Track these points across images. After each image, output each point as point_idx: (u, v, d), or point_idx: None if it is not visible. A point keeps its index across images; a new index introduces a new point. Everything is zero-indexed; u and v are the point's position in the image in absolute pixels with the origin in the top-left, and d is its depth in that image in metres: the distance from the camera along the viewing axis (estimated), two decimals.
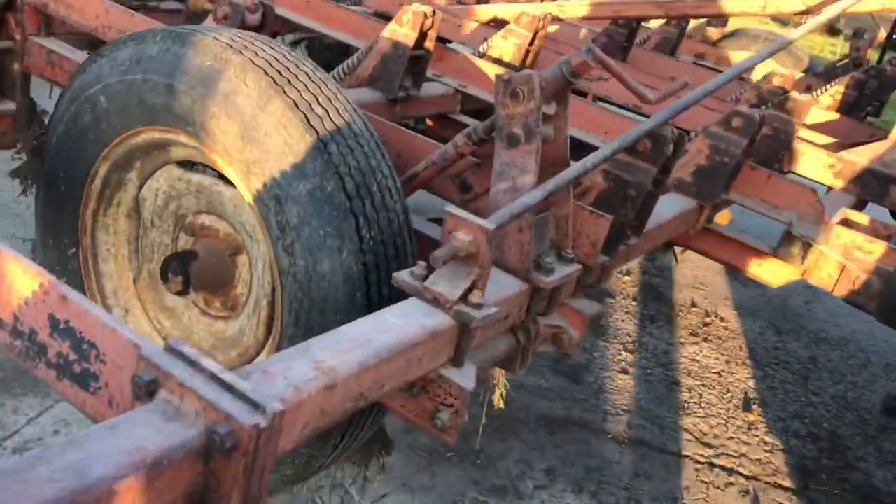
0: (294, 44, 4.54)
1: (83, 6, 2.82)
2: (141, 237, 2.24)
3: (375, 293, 1.79)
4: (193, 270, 2.04)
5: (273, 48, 1.92)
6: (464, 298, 1.59)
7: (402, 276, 1.62)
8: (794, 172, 3.57)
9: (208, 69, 1.83)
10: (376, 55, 3.04)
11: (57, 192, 2.20)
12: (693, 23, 7.09)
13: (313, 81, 1.88)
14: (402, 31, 2.97)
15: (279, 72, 1.83)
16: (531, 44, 3.67)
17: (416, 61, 3.07)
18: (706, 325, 5.30)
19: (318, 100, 1.83)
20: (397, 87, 3.01)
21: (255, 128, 1.79)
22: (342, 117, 1.85)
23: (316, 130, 1.78)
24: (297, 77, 1.85)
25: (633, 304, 5.36)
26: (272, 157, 1.78)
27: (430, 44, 3.08)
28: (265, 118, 1.78)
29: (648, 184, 2.06)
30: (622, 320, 5.10)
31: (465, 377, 1.62)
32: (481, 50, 3.73)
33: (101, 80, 2.00)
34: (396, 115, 3.07)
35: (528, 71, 1.87)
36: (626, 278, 5.71)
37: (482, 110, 3.68)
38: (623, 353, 4.64)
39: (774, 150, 3.28)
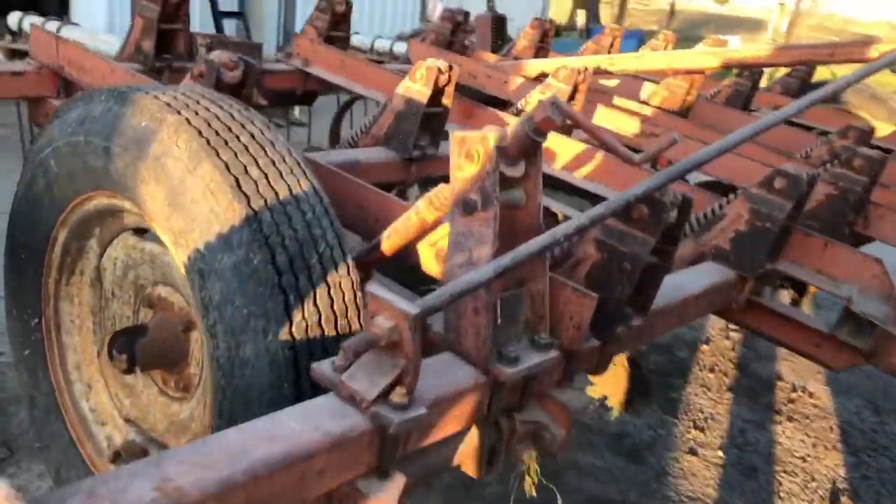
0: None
1: (92, 68, 2.79)
2: (103, 308, 2.11)
3: (307, 383, 1.56)
4: (140, 348, 1.87)
5: (221, 107, 1.76)
6: (384, 396, 1.34)
7: (320, 367, 1.39)
8: (867, 238, 3.15)
9: (142, 130, 1.69)
10: (390, 113, 2.87)
11: (19, 260, 2.10)
12: (777, 72, 6.66)
13: (256, 142, 1.70)
14: (415, 87, 2.79)
15: (217, 132, 1.67)
16: (571, 98, 3.42)
17: (432, 118, 2.88)
18: (792, 401, 4.78)
19: (256, 162, 1.65)
20: (412, 145, 2.83)
21: (182, 193, 1.62)
22: (284, 181, 1.66)
23: (246, 196, 1.59)
24: (237, 138, 1.68)
25: (710, 375, 4.91)
26: (197, 225, 1.60)
27: (447, 100, 2.89)
28: (193, 183, 1.61)
29: (646, 256, 1.76)
30: (695, 394, 4.66)
31: (388, 491, 1.36)
32: (519, 106, 3.52)
33: (52, 142, 1.90)
34: (412, 174, 2.88)
35: (493, 127, 1.63)
36: (705, 347, 5.27)
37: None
38: (693, 431, 4.21)
39: (841, 214, 2.89)
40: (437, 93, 2.83)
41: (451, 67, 2.80)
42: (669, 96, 4.15)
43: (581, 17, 20.19)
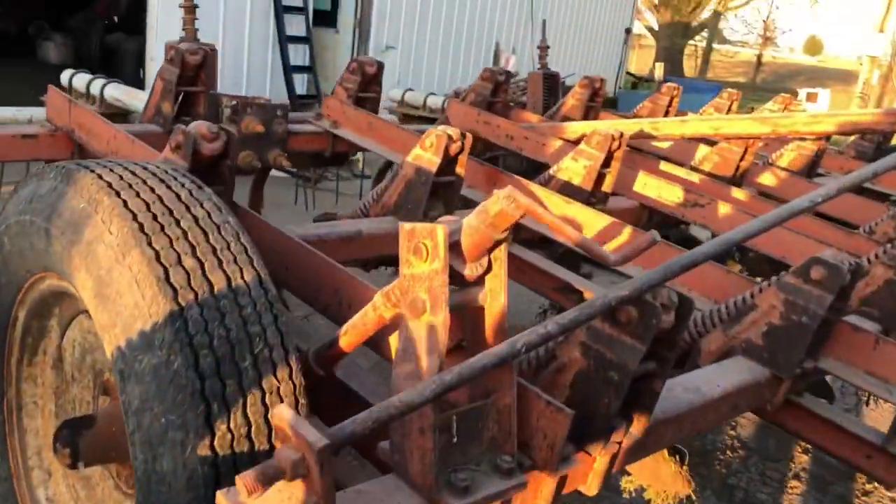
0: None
1: (99, 132, 2.74)
2: (64, 392, 1.98)
3: None
4: (85, 441, 1.73)
5: (169, 187, 1.62)
6: None
7: (223, 496, 1.20)
8: None
9: (80, 212, 1.57)
10: (400, 181, 2.72)
11: None
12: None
13: (199, 227, 1.55)
14: (425, 155, 2.63)
15: (155, 216, 1.53)
16: (605, 166, 3.20)
17: (445, 188, 2.71)
18: (866, 493, 4.33)
19: (193, 250, 1.50)
20: (421, 215, 2.66)
21: (108, 284, 1.48)
22: (222, 271, 1.50)
23: (174, 290, 1.43)
24: (176, 222, 1.53)
25: (773, 463, 4.50)
26: (120, 321, 1.46)
27: (460, 169, 2.71)
28: (120, 273, 1.46)
29: (635, 365, 1.52)
30: (753, 480, 4.26)
31: None
32: (550, 173, 3.31)
33: (6, 219, 1.80)
34: None
35: (450, 218, 1.44)
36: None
37: (538, 242, 3.24)
38: None
39: None
40: (450, 161, 2.67)
41: (463, 135, 2.63)
42: (721, 162, 3.87)
43: (659, 70, 19.84)
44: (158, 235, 1.49)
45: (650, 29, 32.53)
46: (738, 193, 3.52)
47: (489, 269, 1.45)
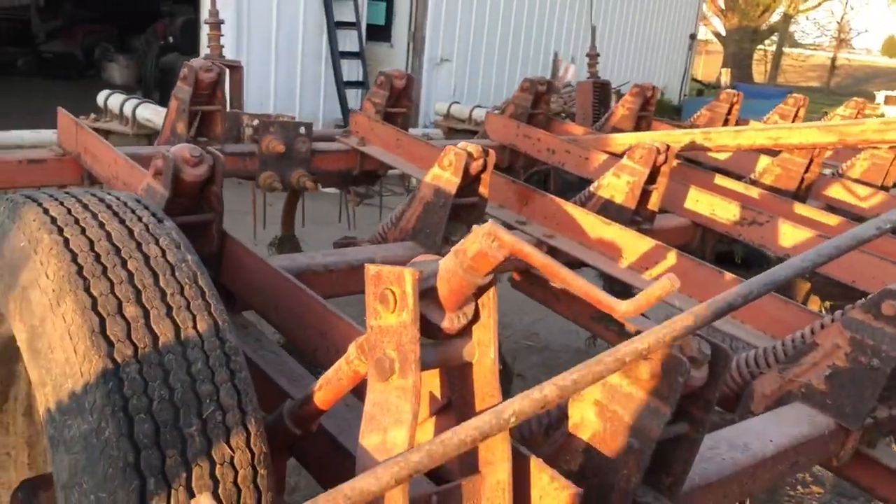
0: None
1: (101, 156, 2.60)
2: (37, 442, 1.81)
3: None
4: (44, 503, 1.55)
5: (122, 221, 1.43)
6: None
7: None
8: None
9: (20, 252, 1.39)
10: (418, 204, 2.50)
11: None
12: None
13: (150, 267, 1.35)
14: (444, 175, 2.40)
15: (98, 256, 1.33)
16: (651, 182, 2.92)
17: (466, 209, 2.47)
18: None
19: (138, 296, 1.30)
20: (440, 240, 2.43)
21: (41, 336, 1.29)
22: (169, 320, 1.30)
23: (109, 343, 1.23)
24: (122, 264, 1.34)
25: (848, 501, 4.08)
26: (51, 379, 1.26)
27: (483, 189, 2.47)
28: (53, 324, 1.27)
29: (659, 429, 1.25)
30: None
31: None
32: (591, 190, 3.04)
33: None
34: None
35: (428, 257, 1.20)
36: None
37: (576, 265, 2.97)
38: None
39: None
40: (471, 181, 2.43)
41: (486, 152, 2.39)
42: (783, 174, 3.53)
43: (725, 76, 19.13)
44: (98, 279, 1.30)
45: (717, 34, 31.65)
46: (802, 209, 3.18)
47: (476, 317, 1.21)
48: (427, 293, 1.15)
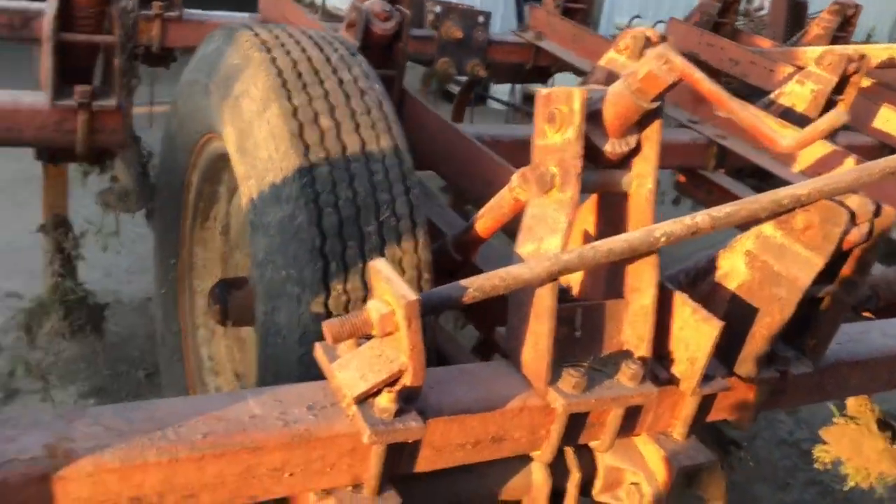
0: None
1: (294, 20, 2.79)
2: (229, 257, 2.06)
3: None
4: (234, 300, 1.78)
5: (321, 49, 1.59)
6: (374, 396, 1.08)
7: (322, 347, 1.17)
8: None
9: (233, 68, 1.57)
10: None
11: (163, 200, 2.13)
12: None
13: (342, 89, 1.50)
14: (619, 59, 2.41)
15: (300, 74, 1.50)
16: (837, 91, 2.78)
17: None
18: None
19: (332, 111, 1.45)
20: None
21: (248, 137, 1.48)
22: (357, 135, 1.45)
23: (305, 146, 1.40)
24: (320, 82, 1.49)
25: None
26: (255, 173, 1.45)
27: None
28: (259, 126, 1.45)
29: (808, 281, 1.27)
30: None
31: None
32: (771, 97, 2.93)
33: (182, 80, 1.87)
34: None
35: (594, 86, 1.27)
36: None
37: (749, 171, 2.91)
38: None
39: None
40: None
41: (663, 38, 2.38)
42: None
43: None
44: (298, 92, 1.46)
45: None
46: None
47: (637, 149, 1.27)
48: (593, 116, 1.22)
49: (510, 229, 1.56)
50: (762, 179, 3.09)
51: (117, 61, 1.92)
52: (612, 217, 1.35)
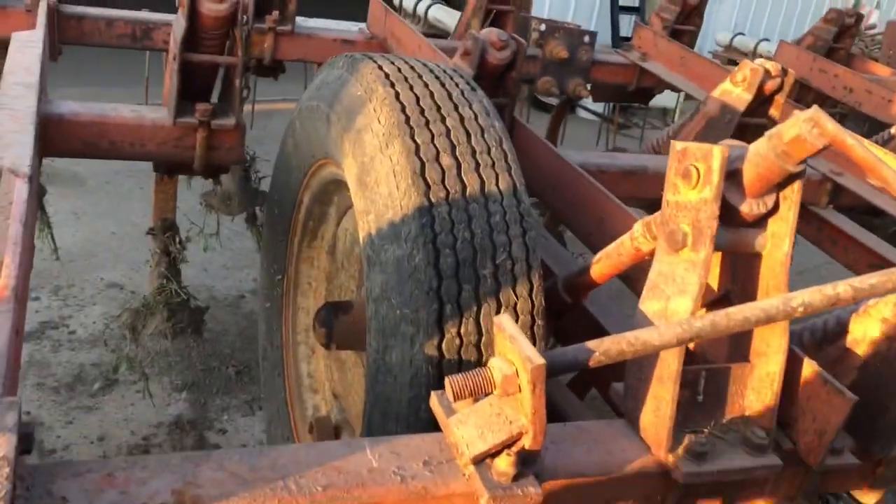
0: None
1: (405, 41, 2.81)
2: (334, 277, 2.09)
3: None
4: (340, 325, 1.80)
5: (442, 84, 1.58)
6: (493, 457, 1.07)
7: (438, 398, 1.16)
8: None
9: (356, 100, 1.58)
10: (702, 118, 2.46)
11: (273, 216, 2.17)
12: None
13: (464, 126, 1.50)
14: (734, 91, 2.34)
15: (423, 110, 1.50)
16: None
17: (753, 130, 2.40)
18: None
19: (453, 149, 1.45)
20: None
21: (369, 172, 1.48)
22: (477, 174, 1.43)
23: (426, 184, 1.40)
24: (442, 119, 1.49)
25: None
26: (374, 209, 1.46)
27: (775, 111, 2.38)
28: (381, 162, 1.46)
29: None
30: None
31: None
32: (892, 132, 2.81)
33: (301, 103, 1.90)
34: None
35: (733, 143, 1.22)
36: None
37: (864, 211, 2.78)
38: None
39: None
40: (763, 100, 2.35)
41: (784, 71, 2.29)
42: None
43: None
44: (421, 129, 1.46)
45: None
46: None
47: (775, 209, 1.22)
48: (731, 175, 1.18)
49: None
50: (875, 215, 2.96)
51: (237, 81, 1.96)
52: (740, 277, 1.30)
